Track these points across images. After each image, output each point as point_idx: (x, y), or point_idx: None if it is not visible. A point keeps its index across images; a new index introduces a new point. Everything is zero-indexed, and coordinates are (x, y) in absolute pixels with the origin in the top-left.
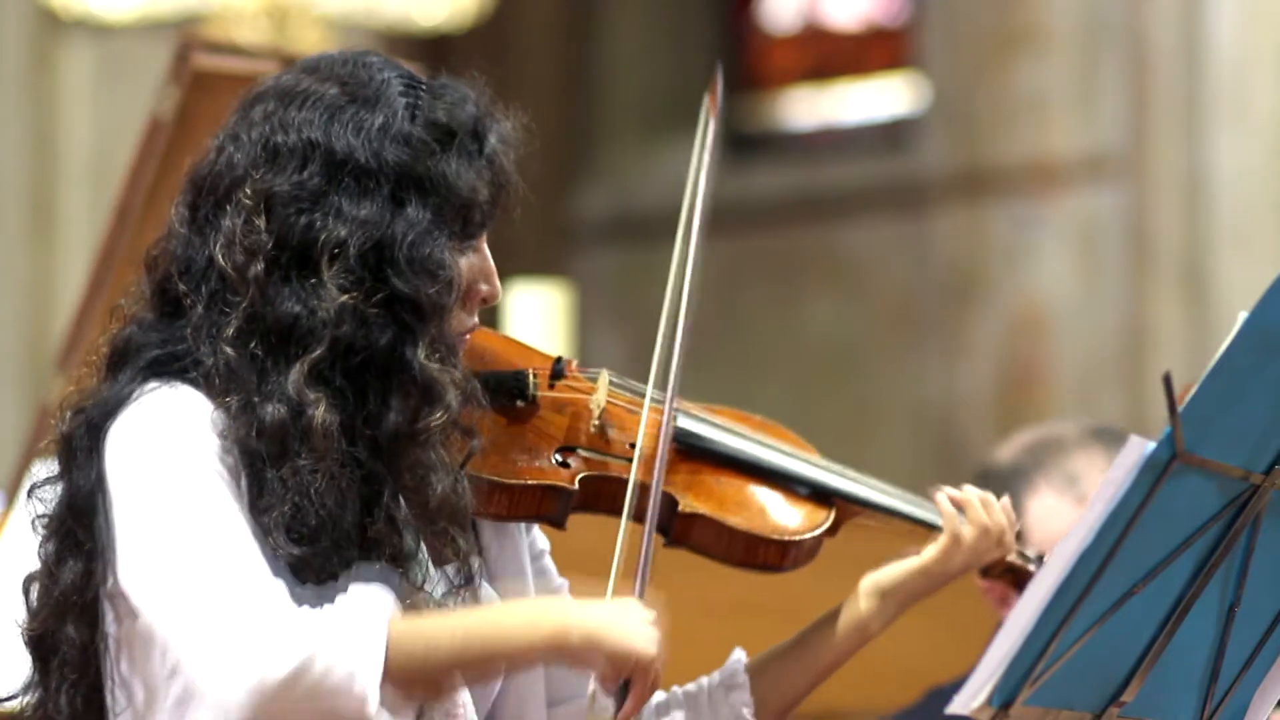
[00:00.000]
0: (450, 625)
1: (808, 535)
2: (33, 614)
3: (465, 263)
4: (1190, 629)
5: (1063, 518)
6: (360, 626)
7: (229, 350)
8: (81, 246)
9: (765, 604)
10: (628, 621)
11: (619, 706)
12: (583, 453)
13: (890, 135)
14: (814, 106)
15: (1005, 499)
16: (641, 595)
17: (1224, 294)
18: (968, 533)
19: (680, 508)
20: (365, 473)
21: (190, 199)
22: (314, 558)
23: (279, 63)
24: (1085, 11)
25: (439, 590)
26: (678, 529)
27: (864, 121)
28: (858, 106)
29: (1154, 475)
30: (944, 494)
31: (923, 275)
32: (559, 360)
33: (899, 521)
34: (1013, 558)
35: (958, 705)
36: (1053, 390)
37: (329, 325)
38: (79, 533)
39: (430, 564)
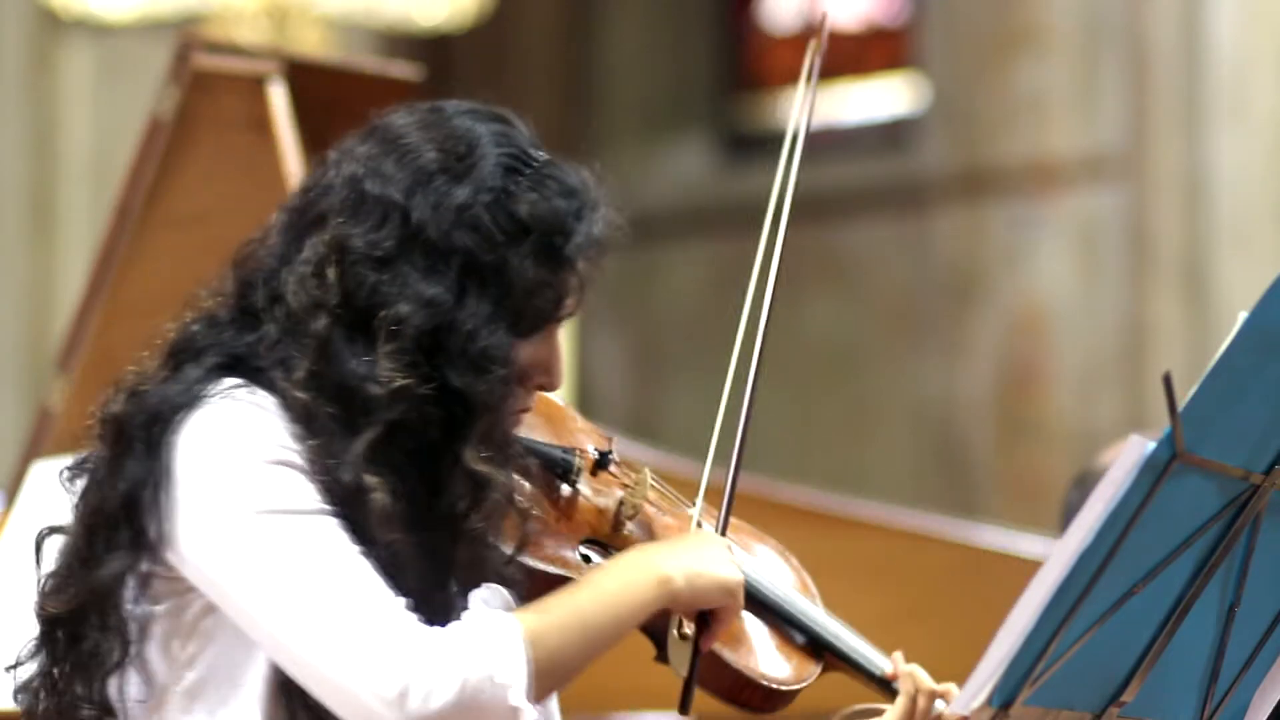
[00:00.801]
0: (570, 611)
1: (794, 687)
2: (55, 590)
3: (527, 349)
4: (1190, 629)
5: None
6: (497, 638)
7: (300, 395)
8: (81, 246)
9: None
10: (713, 554)
11: (699, 636)
12: (608, 551)
13: (890, 135)
14: (814, 106)
15: (951, 687)
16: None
17: (1224, 294)
18: (921, 701)
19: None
20: (429, 550)
21: (292, 206)
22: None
23: (279, 63)
24: (1085, 11)
25: None
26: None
27: (864, 121)
28: (858, 106)
29: (1154, 475)
30: (906, 673)
31: (923, 275)
32: (608, 452)
33: (873, 685)
34: None
35: (958, 705)
36: (1053, 390)
37: (383, 406)
38: (132, 525)
39: None
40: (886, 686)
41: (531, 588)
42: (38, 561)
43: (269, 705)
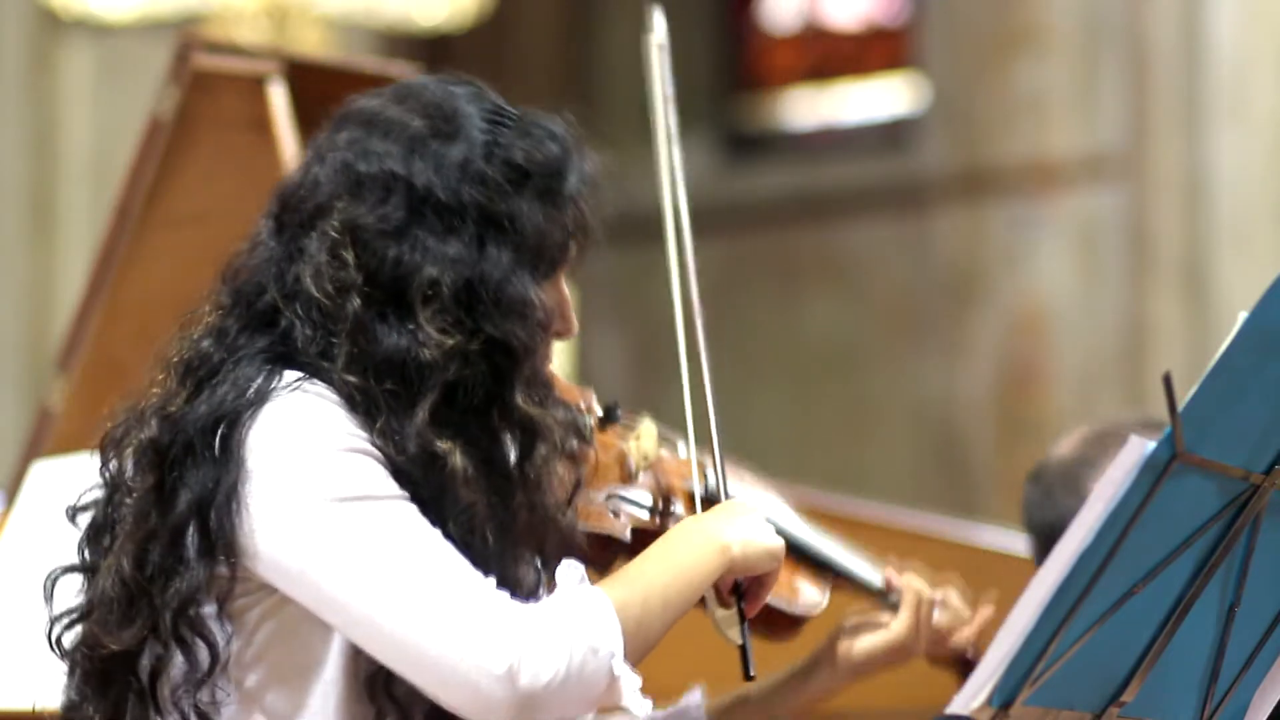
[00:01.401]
0: (648, 583)
1: (817, 613)
2: (111, 632)
3: (544, 297)
4: (1190, 629)
5: None
6: (590, 608)
7: (350, 378)
8: (81, 246)
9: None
10: (757, 522)
11: (740, 602)
12: (628, 504)
13: (890, 135)
14: (814, 106)
15: (952, 592)
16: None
17: (1224, 294)
18: (928, 612)
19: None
20: (497, 510)
21: (276, 212)
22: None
23: (279, 63)
24: (1085, 11)
25: None
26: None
27: (864, 121)
28: (858, 106)
29: (1154, 475)
30: (905, 582)
31: (923, 275)
32: (615, 404)
33: (874, 598)
34: (964, 650)
35: (958, 705)
36: (1052, 390)
37: (437, 369)
38: (204, 535)
39: None
40: (885, 597)
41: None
42: (48, 601)
43: (348, 704)
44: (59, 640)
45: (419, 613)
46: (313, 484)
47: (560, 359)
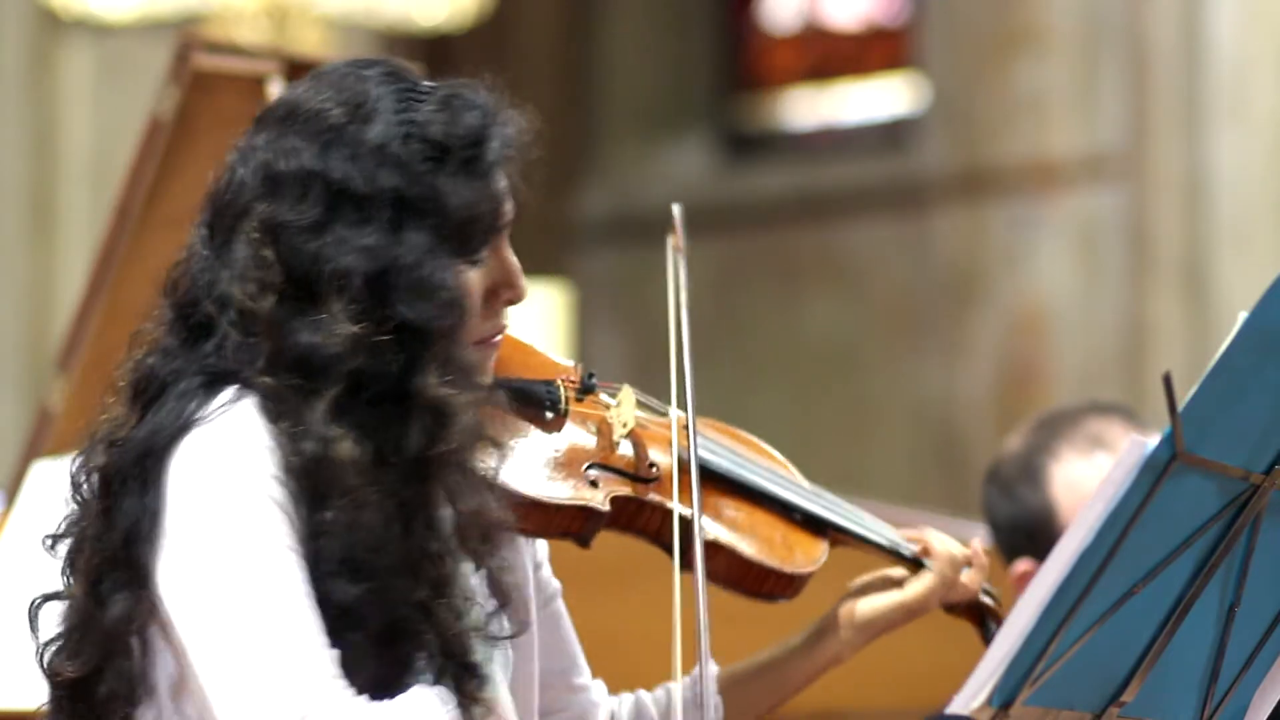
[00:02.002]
0: None
1: (811, 569)
2: (70, 655)
3: (479, 273)
4: (1190, 629)
5: (1091, 479)
6: None
7: (267, 380)
8: (81, 246)
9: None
10: None
11: None
12: (609, 473)
13: (890, 135)
14: (814, 106)
15: (976, 540)
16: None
17: (1224, 294)
18: (950, 578)
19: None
20: (397, 501)
21: (208, 219)
22: (373, 594)
23: (279, 63)
24: (1085, 11)
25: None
26: (692, 555)
27: (864, 121)
28: (858, 106)
29: (1154, 475)
30: (930, 535)
31: (923, 275)
32: (590, 375)
33: (883, 555)
34: (981, 598)
35: (958, 705)
36: (1053, 390)
37: (343, 359)
38: (135, 560)
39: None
40: (898, 556)
41: (547, 522)
42: (34, 630)
43: None
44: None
45: (233, 668)
46: (201, 528)
47: (518, 266)
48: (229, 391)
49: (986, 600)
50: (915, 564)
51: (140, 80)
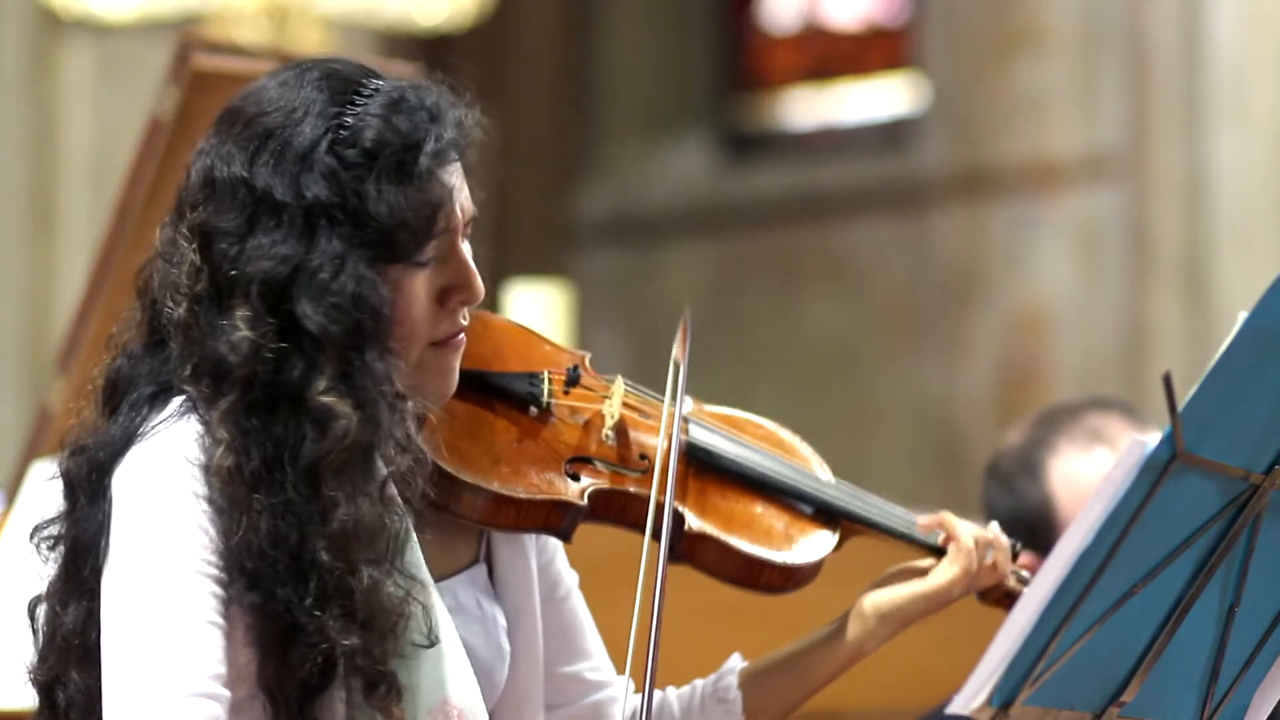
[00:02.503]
0: None
1: (812, 560)
2: (41, 658)
3: (426, 275)
4: (1190, 629)
5: (1090, 472)
6: None
7: (188, 388)
8: (81, 246)
9: (762, 606)
10: None
11: None
12: (594, 464)
13: (890, 135)
14: (814, 106)
15: (994, 524)
16: (659, 615)
17: (1224, 294)
18: (974, 563)
19: (687, 526)
20: (291, 508)
21: (173, 219)
22: (261, 601)
23: (279, 63)
24: (1085, 11)
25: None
26: (684, 547)
27: (864, 121)
28: (858, 106)
29: (1154, 475)
30: (951, 521)
31: (923, 275)
32: (575, 367)
33: (901, 543)
34: (1011, 582)
35: (958, 705)
36: (1053, 390)
37: (240, 365)
38: (84, 574)
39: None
40: (918, 543)
41: (520, 517)
42: (33, 630)
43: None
44: None
45: (121, 685)
46: (125, 548)
47: (472, 267)
48: (175, 403)
49: (1019, 586)
50: (936, 551)
51: (140, 80)
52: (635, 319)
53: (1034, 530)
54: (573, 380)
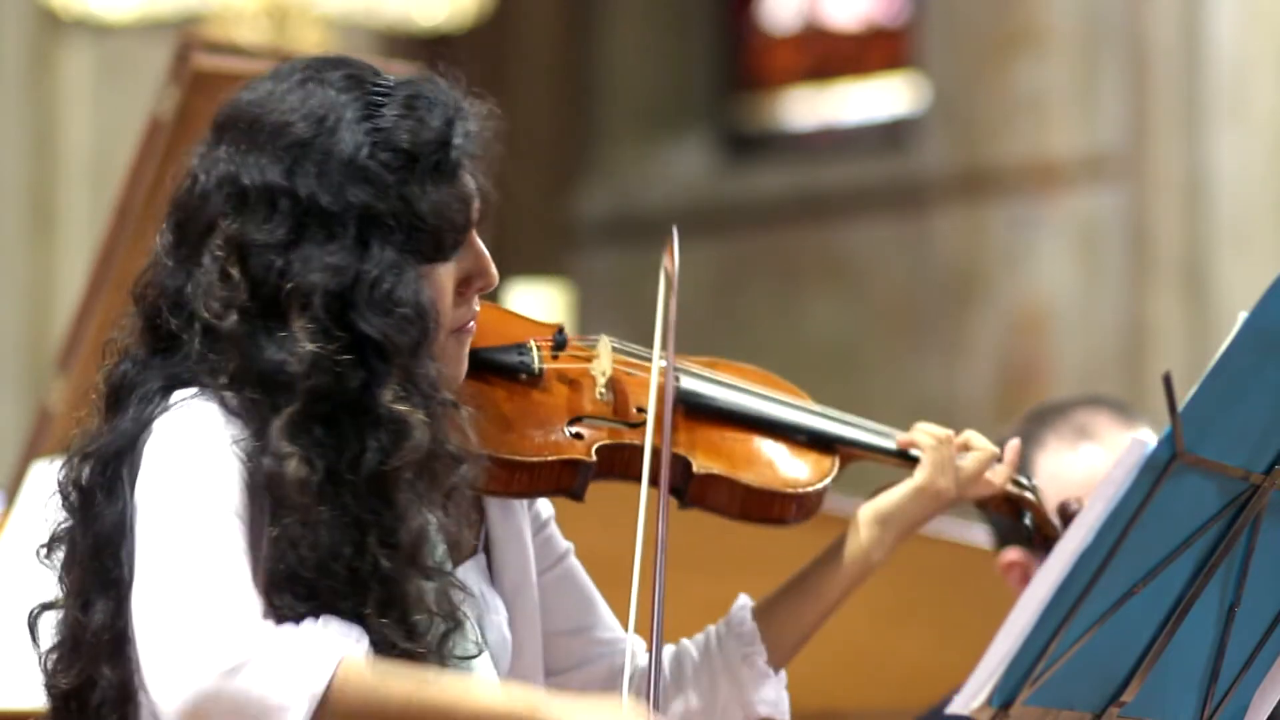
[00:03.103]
0: (409, 681)
1: (818, 486)
2: (63, 666)
3: (451, 267)
4: (1190, 629)
5: (1075, 468)
6: (310, 654)
7: (229, 395)
8: (81, 246)
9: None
10: (616, 717)
11: None
12: (594, 422)
13: (890, 135)
14: (814, 106)
15: (1015, 441)
16: (662, 564)
17: (1224, 294)
18: (943, 455)
19: (695, 469)
20: (351, 519)
21: (172, 226)
22: (316, 613)
23: (279, 63)
24: (1085, 11)
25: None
26: (693, 491)
27: (864, 121)
28: (858, 106)
29: (1154, 475)
30: (924, 427)
31: (923, 275)
32: (560, 331)
33: (893, 460)
34: (1010, 487)
35: (958, 705)
36: (1053, 390)
37: (302, 377)
38: (109, 567)
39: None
40: (904, 456)
41: (534, 481)
42: (34, 639)
43: None
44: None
45: (156, 606)
46: (158, 490)
47: (486, 253)
48: (187, 391)
49: (1014, 490)
50: (913, 461)
51: (140, 80)
52: (635, 319)
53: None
54: (559, 345)
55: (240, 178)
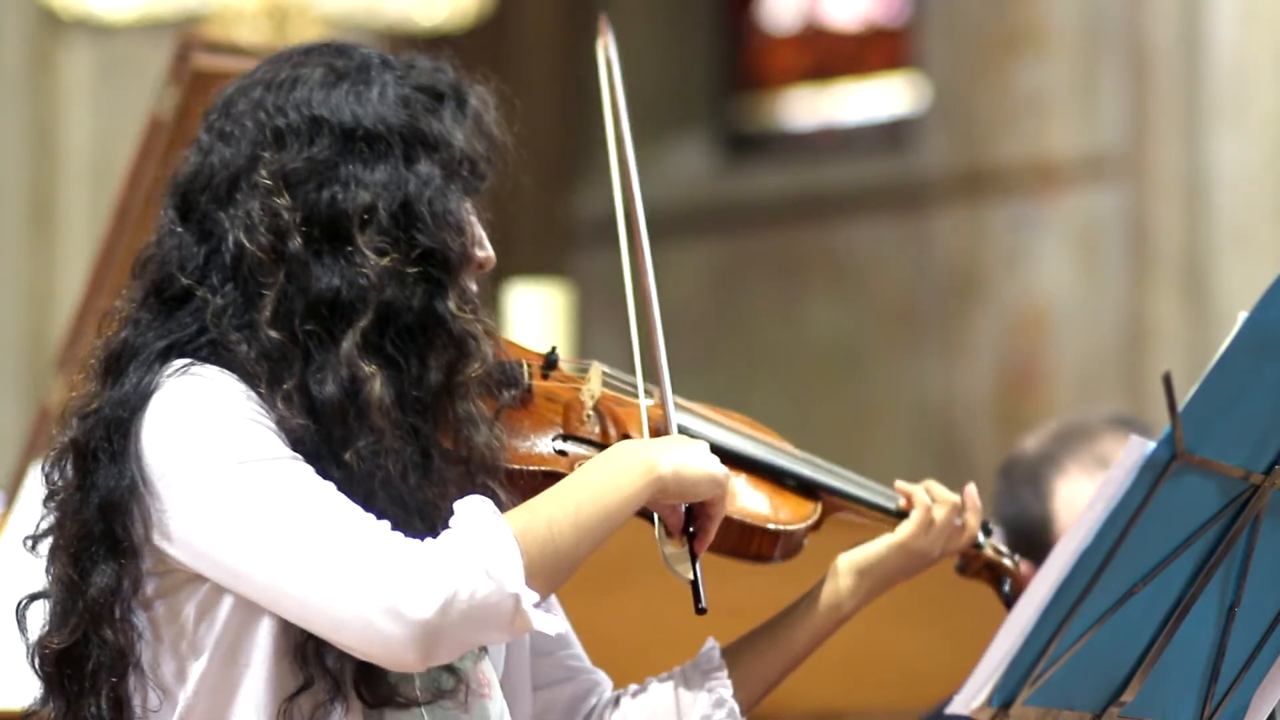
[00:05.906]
0: (556, 505)
1: (799, 526)
2: (54, 631)
3: (468, 209)
4: (1190, 629)
5: None
6: (485, 534)
7: (272, 333)
8: (81, 246)
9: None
10: (697, 449)
11: (690, 539)
12: (579, 443)
13: (890, 135)
14: (814, 106)
15: (970, 485)
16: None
17: (1224, 294)
18: (938, 511)
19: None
20: (419, 445)
21: (178, 202)
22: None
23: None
24: (1085, 11)
25: None
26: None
27: (864, 121)
28: (858, 106)
29: (1154, 475)
30: (921, 486)
31: (923, 275)
32: (552, 351)
33: (878, 514)
34: (989, 552)
35: (958, 705)
36: (1053, 390)
37: (373, 290)
38: (116, 533)
39: None
40: (886, 510)
41: (514, 489)
42: (22, 630)
43: (280, 678)
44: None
45: (308, 567)
46: (205, 459)
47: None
48: (183, 360)
49: (992, 555)
50: (905, 518)
51: (140, 80)
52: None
53: (1031, 541)
54: (550, 365)
55: (272, 120)
